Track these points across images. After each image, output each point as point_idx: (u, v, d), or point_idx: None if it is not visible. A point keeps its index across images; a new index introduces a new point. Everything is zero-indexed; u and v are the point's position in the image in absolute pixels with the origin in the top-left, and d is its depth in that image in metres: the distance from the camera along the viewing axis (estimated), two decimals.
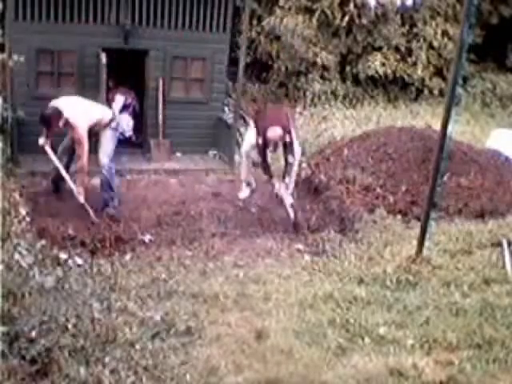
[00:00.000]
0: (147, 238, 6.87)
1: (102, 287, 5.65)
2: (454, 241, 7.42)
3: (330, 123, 11.75)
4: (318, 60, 12.86)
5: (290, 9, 12.97)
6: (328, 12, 12.81)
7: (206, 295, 5.76)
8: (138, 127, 10.17)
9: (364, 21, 12.97)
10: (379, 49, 13.59)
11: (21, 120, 8.62)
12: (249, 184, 8.20)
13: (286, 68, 13.07)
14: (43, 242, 6.28)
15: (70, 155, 7.44)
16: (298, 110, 12.52)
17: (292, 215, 7.56)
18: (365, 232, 7.57)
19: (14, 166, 8.40)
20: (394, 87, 14.21)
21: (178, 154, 9.94)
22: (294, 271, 6.53)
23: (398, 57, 13.73)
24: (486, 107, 14.54)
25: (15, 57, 7.62)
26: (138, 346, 4.74)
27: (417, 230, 7.05)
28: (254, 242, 7.15)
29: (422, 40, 13.84)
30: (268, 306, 5.67)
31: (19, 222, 6.58)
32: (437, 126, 7.34)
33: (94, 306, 5.13)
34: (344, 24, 12.93)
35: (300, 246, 7.14)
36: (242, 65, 9.35)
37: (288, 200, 7.64)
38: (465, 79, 7.26)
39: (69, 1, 8.74)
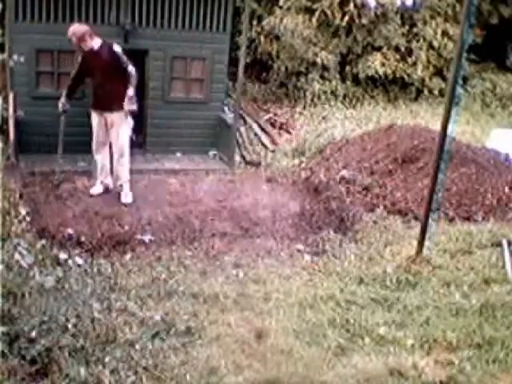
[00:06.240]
0: (147, 238, 6.87)
1: (102, 287, 5.66)
2: (454, 241, 7.42)
3: (330, 123, 11.75)
4: (318, 60, 12.85)
5: (289, 9, 12.97)
6: (328, 12, 12.80)
7: (206, 295, 5.76)
8: (138, 127, 10.17)
9: (364, 21, 12.95)
10: (379, 49, 13.58)
11: (21, 120, 8.62)
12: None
13: (286, 68, 13.07)
14: (43, 242, 6.30)
15: None
16: (298, 109, 12.54)
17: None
18: (365, 232, 7.57)
19: (14, 166, 8.40)
20: (394, 87, 14.21)
21: (178, 154, 9.94)
22: (293, 271, 6.53)
23: (398, 57, 13.71)
24: (486, 107, 14.53)
25: (15, 57, 7.63)
26: (137, 346, 4.74)
27: (417, 230, 7.05)
28: (253, 241, 7.15)
29: (421, 40, 13.84)
30: (268, 306, 5.68)
31: (19, 221, 6.59)
32: (437, 126, 7.34)
33: (94, 306, 5.13)
34: (344, 24, 12.91)
35: (300, 246, 7.14)
36: (241, 65, 9.34)
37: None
38: (465, 79, 7.28)
39: (69, 1, 8.74)
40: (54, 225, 6.83)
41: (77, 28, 7.37)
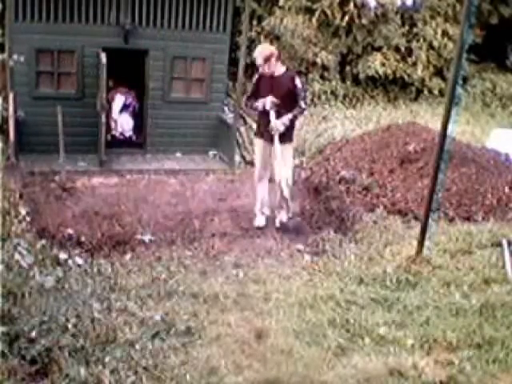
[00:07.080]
0: (147, 237, 6.87)
1: (102, 287, 5.65)
2: (454, 241, 7.41)
3: (330, 123, 11.75)
4: (318, 60, 12.87)
5: (289, 9, 12.98)
6: (328, 12, 12.82)
7: (206, 295, 5.75)
8: (138, 127, 10.19)
9: (364, 21, 12.97)
10: (379, 49, 13.59)
11: (21, 120, 8.63)
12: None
13: (286, 68, 13.06)
14: (43, 242, 6.30)
15: None
16: None
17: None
18: (365, 232, 7.56)
19: (14, 166, 8.40)
20: (394, 87, 14.22)
21: (178, 154, 9.94)
22: (293, 271, 6.52)
23: (398, 57, 13.73)
24: (486, 107, 14.54)
25: (15, 57, 7.63)
26: (137, 346, 4.73)
27: (417, 230, 7.04)
28: (253, 242, 7.15)
29: (421, 40, 13.85)
30: (268, 306, 5.67)
31: (19, 221, 6.59)
32: (437, 125, 7.34)
33: (94, 306, 5.13)
34: (344, 24, 12.93)
35: (300, 246, 7.14)
36: (241, 65, 9.35)
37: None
38: (465, 79, 7.26)
39: (69, 1, 8.75)
40: (54, 225, 6.84)
41: (265, 48, 7.17)
